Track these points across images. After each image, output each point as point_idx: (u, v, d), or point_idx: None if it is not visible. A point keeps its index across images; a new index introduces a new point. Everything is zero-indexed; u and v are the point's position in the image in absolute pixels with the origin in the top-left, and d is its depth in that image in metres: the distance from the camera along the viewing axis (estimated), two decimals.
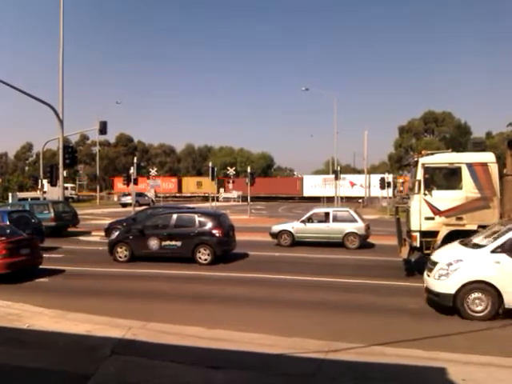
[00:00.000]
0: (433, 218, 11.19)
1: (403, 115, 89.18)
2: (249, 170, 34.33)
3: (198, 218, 14.36)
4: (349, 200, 49.69)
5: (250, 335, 6.82)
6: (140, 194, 46.80)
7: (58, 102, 25.34)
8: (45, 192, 34.91)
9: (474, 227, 10.97)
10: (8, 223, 14.96)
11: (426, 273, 8.94)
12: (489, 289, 7.96)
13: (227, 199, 60.98)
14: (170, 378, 5.24)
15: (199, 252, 13.89)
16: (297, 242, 17.61)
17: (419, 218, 11.22)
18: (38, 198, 32.74)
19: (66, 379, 5.24)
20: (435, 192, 11.19)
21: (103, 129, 28.92)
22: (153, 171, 66.38)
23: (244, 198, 62.95)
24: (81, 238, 21.74)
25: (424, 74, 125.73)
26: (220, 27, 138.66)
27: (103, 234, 20.24)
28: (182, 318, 7.96)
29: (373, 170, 76.42)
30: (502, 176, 11.34)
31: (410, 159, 14.07)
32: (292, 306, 8.94)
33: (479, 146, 12.10)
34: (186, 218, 14.70)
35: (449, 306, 8.20)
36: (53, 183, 25.42)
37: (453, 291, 8.09)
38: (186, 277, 12.20)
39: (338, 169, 42.02)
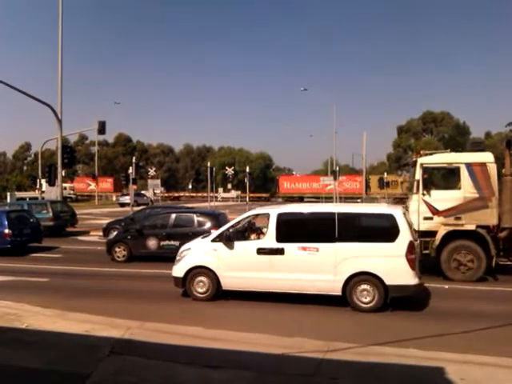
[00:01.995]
0: (431, 218, 11.20)
1: (402, 115, 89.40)
2: (247, 170, 34.33)
3: (196, 218, 14.35)
4: (349, 199, 49.61)
5: (249, 335, 6.82)
6: (138, 194, 46.74)
7: (56, 101, 25.32)
8: (43, 192, 34.81)
9: (473, 227, 11.00)
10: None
11: None
12: (208, 272, 9.12)
13: (226, 199, 60.97)
14: (168, 378, 5.24)
15: None
16: None
17: (418, 217, 11.22)
18: (36, 198, 32.67)
19: (65, 379, 5.23)
20: (434, 192, 11.19)
21: (102, 129, 28.84)
22: (151, 171, 66.23)
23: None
24: (79, 237, 21.71)
25: (423, 74, 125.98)
26: (219, 26, 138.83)
27: (101, 233, 20.21)
28: (180, 317, 7.97)
29: (371, 170, 76.51)
30: (500, 176, 11.33)
31: (408, 159, 14.09)
32: (292, 306, 8.93)
33: (478, 146, 12.09)
34: (184, 217, 14.69)
35: (181, 288, 9.39)
36: (51, 183, 25.38)
37: (182, 275, 9.30)
38: None
39: (337, 169, 42.03)
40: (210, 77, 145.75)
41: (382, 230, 8.60)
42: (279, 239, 8.74)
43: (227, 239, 9.09)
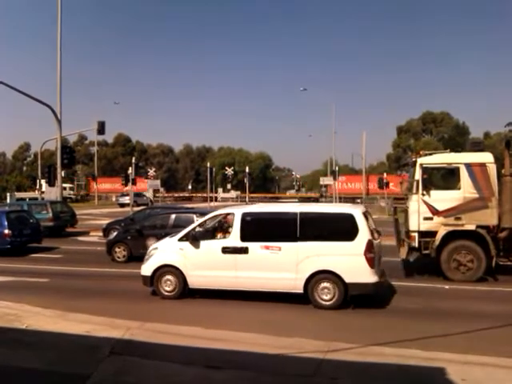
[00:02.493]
0: (431, 219, 11.19)
1: (402, 115, 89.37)
2: (247, 170, 34.36)
3: (196, 218, 14.32)
4: (349, 199, 49.62)
5: (249, 335, 6.81)
6: (138, 194, 46.75)
7: (56, 101, 25.31)
8: (43, 192, 34.80)
9: (473, 227, 10.99)
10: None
11: None
12: (175, 271, 9.28)
13: (225, 199, 60.93)
14: (168, 378, 5.23)
15: None
16: None
17: (418, 218, 11.22)
18: (36, 198, 32.66)
19: (65, 380, 5.22)
20: (433, 192, 11.18)
21: (101, 129, 28.80)
22: (151, 171, 66.17)
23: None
24: (79, 238, 21.71)
25: (423, 73, 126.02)
26: (219, 25, 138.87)
27: (101, 234, 20.19)
28: (180, 317, 7.96)
29: (371, 170, 76.52)
30: (500, 176, 11.32)
31: (408, 159, 14.09)
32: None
33: (477, 147, 12.08)
34: (184, 217, 14.66)
35: (149, 286, 9.57)
36: (51, 183, 25.37)
37: (149, 273, 9.46)
38: None
39: (336, 169, 42.13)
40: (210, 75, 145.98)
41: (342, 230, 8.73)
42: (243, 238, 8.89)
43: (193, 238, 9.24)
